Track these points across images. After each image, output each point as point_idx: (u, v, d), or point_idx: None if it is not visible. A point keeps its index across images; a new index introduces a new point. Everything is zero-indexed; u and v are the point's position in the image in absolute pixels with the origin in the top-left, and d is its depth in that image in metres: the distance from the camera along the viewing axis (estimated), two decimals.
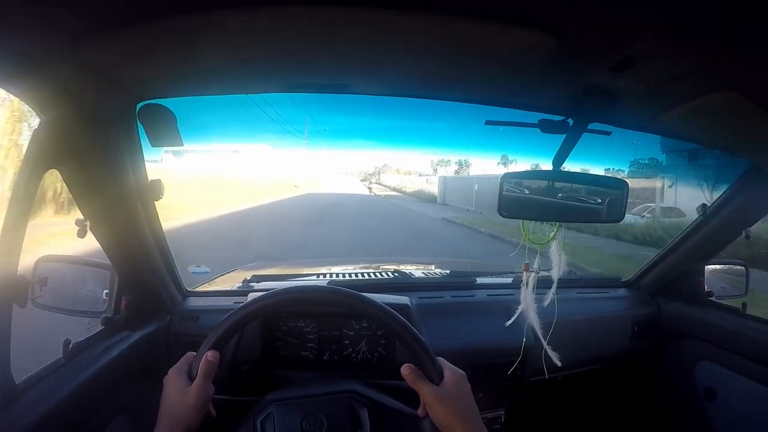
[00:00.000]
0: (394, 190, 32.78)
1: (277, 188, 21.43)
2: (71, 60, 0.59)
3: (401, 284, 1.30)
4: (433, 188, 24.76)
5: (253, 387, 0.98)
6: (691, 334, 1.29)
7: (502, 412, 1.15)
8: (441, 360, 0.67)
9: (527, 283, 1.01)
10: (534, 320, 1.03)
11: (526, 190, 0.85)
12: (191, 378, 0.64)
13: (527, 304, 1.03)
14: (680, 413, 1.30)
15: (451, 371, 0.66)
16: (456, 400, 0.63)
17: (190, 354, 0.67)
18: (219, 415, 0.69)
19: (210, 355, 0.64)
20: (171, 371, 0.66)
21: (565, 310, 1.18)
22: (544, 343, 1.05)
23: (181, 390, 0.63)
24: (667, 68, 0.63)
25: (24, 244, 0.66)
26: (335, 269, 1.53)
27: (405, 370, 0.65)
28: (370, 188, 31.87)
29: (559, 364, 1.07)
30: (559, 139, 0.87)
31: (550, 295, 1.04)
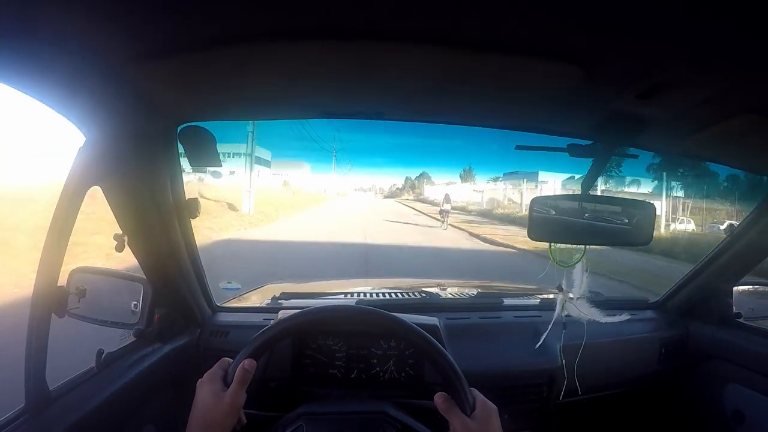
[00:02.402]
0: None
1: None
2: (119, 82, 0.62)
3: (429, 305, 1.30)
4: None
5: (281, 403, 1.00)
6: (720, 356, 1.27)
7: None
8: (474, 391, 0.67)
9: (562, 306, 1.01)
10: (549, 339, 1.02)
11: (554, 213, 0.85)
12: (226, 384, 0.64)
13: (547, 324, 1.02)
14: None
15: (483, 404, 0.66)
16: None
17: (226, 360, 0.68)
18: (248, 426, 0.70)
19: (247, 363, 0.64)
20: (206, 376, 0.66)
21: (591, 332, 1.17)
22: (563, 366, 1.04)
23: (216, 395, 0.63)
24: (692, 94, 0.64)
25: None
26: (363, 288, 1.53)
27: (438, 398, 0.65)
28: (445, 214, 14.27)
29: (579, 390, 1.06)
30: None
31: (578, 316, 1.03)
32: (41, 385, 0.67)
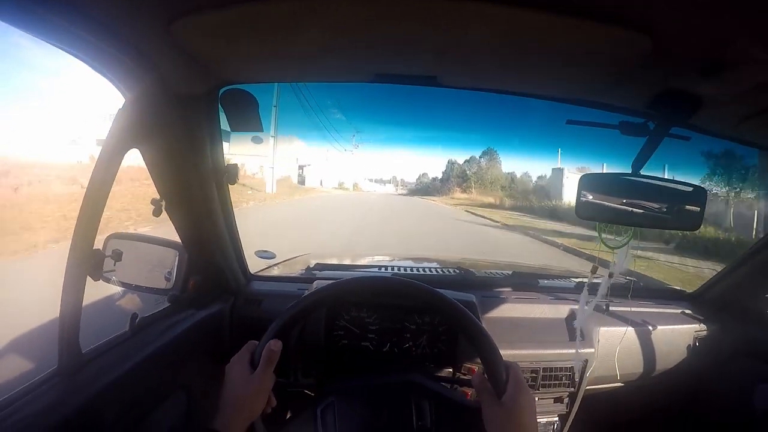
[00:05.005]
0: None
1: None
2: (163, 41, 0.61)
3: (465, 281, 1.29)
4: None
5: (314, 372, 1.00)
6: (754, 354, 1.23)
7: (556, 418, 1.12)
8: (517, 374, 0.63)
9: (589, 286, 0.99)
10: (583, 324, 1.00)
11: (603, 192, 0.83)
12: (253, 366, 0.64)
13: (582, 308, 1.00)
14: None
15: (520, 388, 0.62)
16: (518, 419, 0.60)
17: (252, 342, 0.68)
18: (279, 401, 0.70)
19: (273, 344, 0.64)
20: (233, 359, 0.66)
21: (626, 320, 1.15)
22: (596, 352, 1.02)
23: (244, 378, 0.63)
24: (755, 74, 0.60)
25: None
26: (398, 263, 1.53)
27: (476, 378, 0.65)
28: None
29: (610, 378, 1.04)
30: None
31: (615, 302, 1.01)
32: (74, 348, 0.68)
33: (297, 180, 27.57)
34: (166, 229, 1.02)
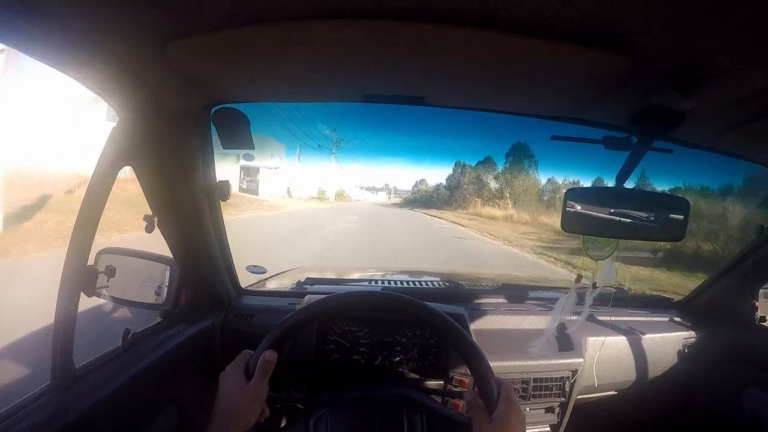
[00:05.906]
0: None
1: None
2: (158, 61, 0.62)
3: (454, 294, 1.30)
4: None
5: (305, 386, 1.00)
6: (741, 359, 1.25)
7: (548, 429, 1.13)
8: (508, 391, 0.63)
9: (572, 293, 1.00)
10: (551, 331, 1.01)
11: (588, 206, 0.84)
12: (248, 376, 0.65)
13: (559, 312, 1.01)
14: None
15: (511, 406, 0.62)
16: None
17: (247, 352, 0.68)
18: (271, 412, 0.70)
19: (268, 354, 0.65)
20: (228, 368, 0.67)
21: (615, 328, 1.17)
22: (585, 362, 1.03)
23: (239, 387, 0.64)
24: (734, 89, 0.63)
25: None
26: (388, 276, 1.54)
27: (468, 395, 0.65)
28: None
29: (596, 385, 1.05)
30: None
31: (603, 312, 1.02)
32: (68, 363, 0.68)
33: (242, 189, 21.09)
34: None
